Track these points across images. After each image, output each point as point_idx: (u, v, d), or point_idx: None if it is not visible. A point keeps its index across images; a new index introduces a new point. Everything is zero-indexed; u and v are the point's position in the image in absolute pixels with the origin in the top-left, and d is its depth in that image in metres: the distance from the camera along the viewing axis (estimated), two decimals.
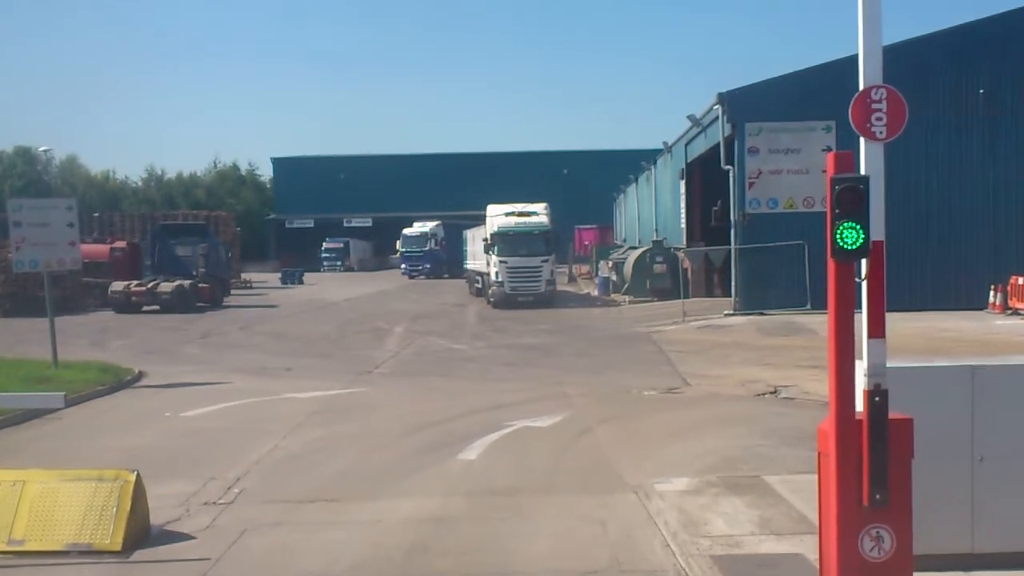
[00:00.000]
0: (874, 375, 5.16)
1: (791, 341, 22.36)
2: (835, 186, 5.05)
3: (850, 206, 5.02)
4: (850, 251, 5.05)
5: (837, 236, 5.02)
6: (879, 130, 5.37)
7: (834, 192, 5.04)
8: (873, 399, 5.15)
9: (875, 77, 5.40)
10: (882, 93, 5.37)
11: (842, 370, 5.11)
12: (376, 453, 11.17)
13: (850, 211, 5.02)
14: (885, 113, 5.37)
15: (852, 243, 5.03)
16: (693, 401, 14.92)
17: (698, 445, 11.23)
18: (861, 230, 5.02)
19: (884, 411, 5.19)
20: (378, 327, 29.06)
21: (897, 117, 5.39)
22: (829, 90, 27.40)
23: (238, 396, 15.59)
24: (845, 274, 5.13)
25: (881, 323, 5.22)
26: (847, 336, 5.12)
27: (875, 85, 5.39)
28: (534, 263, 35.67)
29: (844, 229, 5.02)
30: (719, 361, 19.57)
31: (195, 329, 29.05)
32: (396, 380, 17.98)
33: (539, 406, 14.31)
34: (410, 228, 65.77)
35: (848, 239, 5.03)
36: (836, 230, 5.02)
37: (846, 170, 5.14)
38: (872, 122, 5.36)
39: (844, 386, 5.12)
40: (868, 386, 5.17)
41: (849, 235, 5.02)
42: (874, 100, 5.36)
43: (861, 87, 5.44)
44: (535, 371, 18.78)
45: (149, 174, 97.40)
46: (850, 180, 5.07)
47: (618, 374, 18.18)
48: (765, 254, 27.33)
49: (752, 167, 27.40)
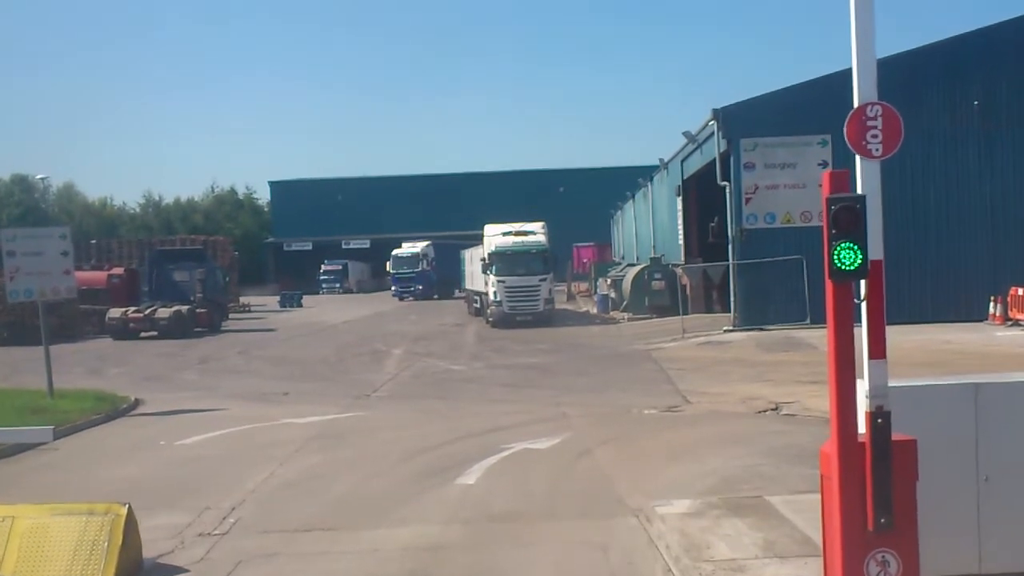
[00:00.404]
0: (876, 397, 5.06)
1: (791, 356, 22.25)
2: (831, 206, 4.96)
3: (847, 226, 4.93)
4: (848, 272, 4.96)
5: (835, 257, 4.93)
6: (875, 147, 5.29)
7: (830, 212, 4.96)
8: (875, 421, 5.05)
9: (870, 94, 5.32)
10: (877, 110, 5.29)
11: (843, 392, 5.01)
12: (373, 479, 11.03)
13: (847, 231, 4.93)
14: (881, 131, 5.29)
15: (850, 264, 4.94)
16: (694, 420, 14.79)
17: (699, 465, 11.10)
18: (859, 250, 4.93)
19: (887, 433, 5.08)
20: (377, 349, 28.94)
21: (893, 134, 5.31)
22: (824, 104, 27.41)
23: (235, 423, 15.46)
24: (843, 294, 5.04)
25: (882, 343, 5.13)
26: (847, 357, 5.02)
27: (870, 102, 5.31)
28: (532, 282, 35.59)
29: (841, 250, 4.93)
30: (719, 378, 19.45)
31: (193, 355, 28.91)
32: (394, 403, 17.86)
33: (538, 428, 14.19)
34: (400, 248, 64.73)
35: (846, 260, 4.93)
36: (833, 251, 4.93)
37: (842, 189, 5.06)
38: (868, 140, 5.28)
39: (845, 408, 5.02)
40: (870, 408, 5.07)
41: (847, 256, 4.93)
42: (869, 117, 5.29)
43: (856, 104, 5.37)
44: (534, 392, 18.66)
45: (147, 200, 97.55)
46: (847, 200, 4.99)
47: (618, 393, 18.06)
48: (763, 269, 27.26)
49: (748, 182, 27.36)
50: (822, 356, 21.48)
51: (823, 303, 20.33)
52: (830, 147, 27.18)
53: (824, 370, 18.00)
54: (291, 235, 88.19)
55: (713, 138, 28.43)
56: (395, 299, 60.65)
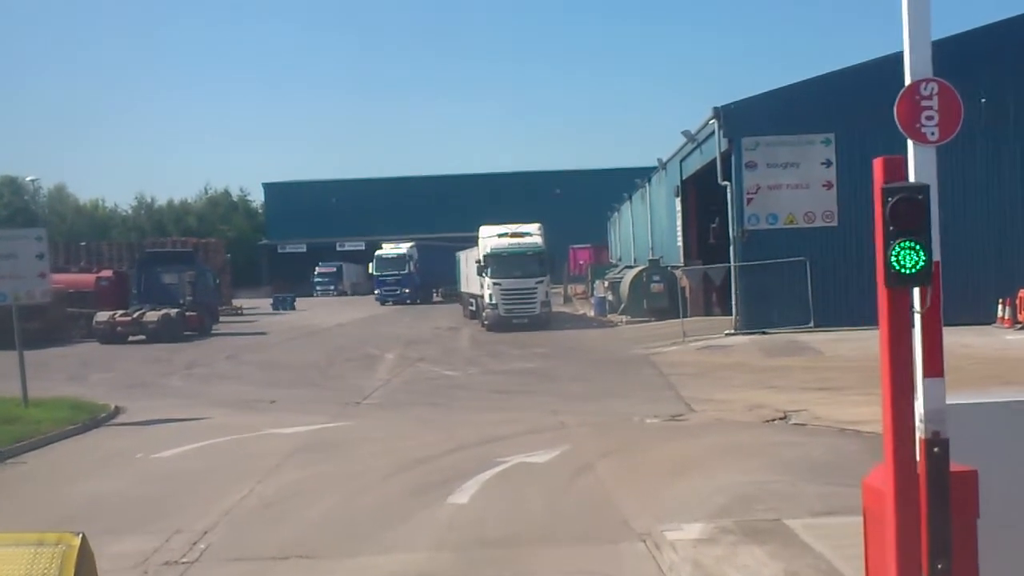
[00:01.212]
0: (932, 421, 4.32)
1: (796, 361, 21.53)
2: (888, 197, 4.16)
3: (909, 222, 4.13)
4: (909, 276, 4.17)
5: (892, 258, 4.15)
6: (931, 131, 4.53)
7: (886, 205, 4.17)
8: (931, 450, 4.31)
9: (924, 69, 4.57)
10: (933, 88, 4.54)
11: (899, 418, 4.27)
12: (358, 498, 10.27)
13: (909, 228, 4.13)
14: (937, 111, 4.53)
15: (912, 266, 4.15)
16: (699, 429, 14.05)
17: (708, 482, 10.36)
18: (922, 251, 4.15)
19: (945, 464, 4.35)
20: (369, 354, 28.18)
21: (952, 116, 4.55)
22: (828, 102, 26.85)
23: (218, 433, 14.69)
24: (900, 303, 4.28)
25: (939, 358, 4.38)
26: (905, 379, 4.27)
27: (925, 79, 4.55)
28: (529, 284, 34.86)
29: (901, 250, 4.14)
30: (723, 384, 18.72)
31: (180, 359, 28.13)
32: (385, 412, 17.10)
33: (535, 439, 13.45)
34: (384, 249, 61.66)
35: (907, 261, 4.15)
36: (891, 251, 4.14)
37: (898, 177, 4.28)
38: (922, 122, 4.52)
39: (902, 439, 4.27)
40: (925, 434, 4.33)
41: (908, 257, 4.13)
42: (923, 96, 4.53)
43: (908, 81, 4.61)
44: (531, 399, 17.92)
45: (139, 202, 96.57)
46: (908, 190, 4.19)
47: (618, 400, 17.32)
48: (766, 271, 26.54)
49: (750, 182, 26.65)
50: (828, 361, 20.74)
51: (827, 306, 19.68)
52: (833, 146, 26.53)
53: (831, 376, 17.26)
54: (285, 237, 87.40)
55: (714, 137, 27.72)
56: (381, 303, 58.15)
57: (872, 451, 11.90)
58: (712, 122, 27.16)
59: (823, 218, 26.52)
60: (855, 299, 26.41)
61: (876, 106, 26.76)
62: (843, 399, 15.98)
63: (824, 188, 26.48)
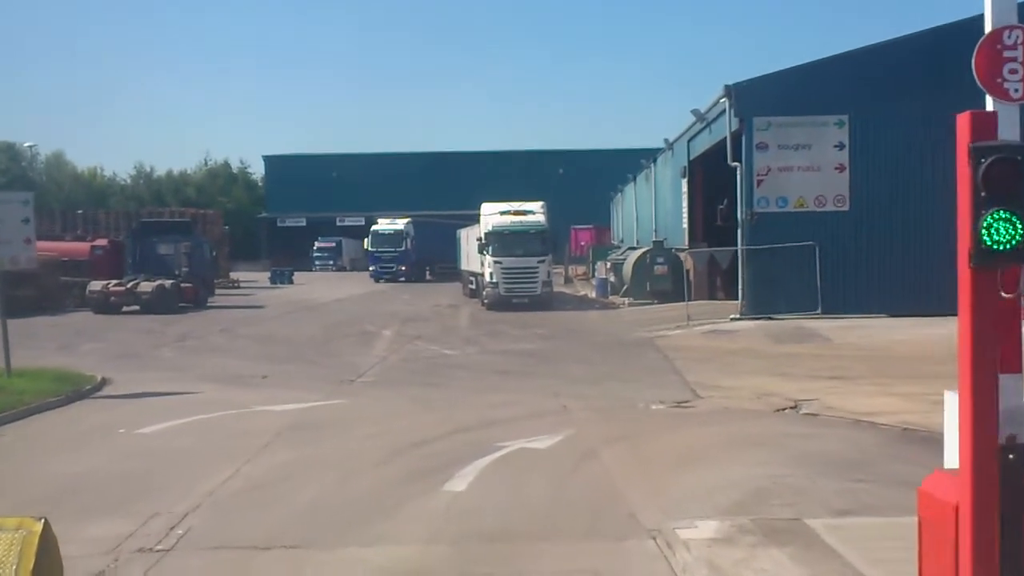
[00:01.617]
0: (1010, 423, 3.72)
1: (804, 348, 20.95)
2: (979, 159, 3.50)
3: (1005, 187, 3.47)
4: (1002, 253, 3.52)
5: (984, 231, 3.50)
6: (1014, 87, 3.90)
7: (977, 167, 3.51)
8: (1006, 457, 3.71)
9: (1008, 16, 3.93)
10: (1018, 36, 3.90)
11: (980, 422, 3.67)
12: (349, 483, 9.70)
13: (1005, 195, 3.48)
14: (1021, 64, 3.90)
15: (1007, 241, 3.51)
16: (706, 417, 13.48)
17: (719, 474, 9.80)
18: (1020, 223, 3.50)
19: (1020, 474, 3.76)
20: (366, 330, 27.61)
21: None
22: (843, 83, 26.12)
23: (206, 408, 14.12)
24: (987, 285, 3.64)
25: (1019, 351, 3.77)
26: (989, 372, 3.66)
27: (1008, 26, 3.92)
28: (530, 264, 34.24)
29: (995, 221, 3.48)
30: (729, 370, 18.14)
31: (173, 331, 27.55)
32: (380, 390, 16.54)
33: (537, 423, 12.89)
34: (380, 224, 59.61)
35: (1001, 235, 3.50)
36: (982, 222, 3.50)
37: (988, 136, 3.62)
38: (1004, 76, 3.89)
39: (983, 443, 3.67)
40: (1000, 439, 3.73)
41: (1002, 230, 3.49)
42: (1007, 46, 3.89)
43: (988, 28, 3.97)
44: (532, 381, 17.35)
45: (138, 171, 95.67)
46: (1005, 150, 3.52)
47: (621, 384, 16.76)
48: (774, 256, 25.91)
49: (761, 164, 25.97)
50: (837, 349, 20.12)
51: (835, 293, 18.87)
52: (847, 128, 25.82)
53: (841, 364, 16.62)
54: (285, 211, 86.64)
55: (724, 116, 27.01)
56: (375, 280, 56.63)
57: (890, 445, 11.37)
58: (723, 100, 26.45)
59: (834, 202, 25.87)
60: (864, 286, 25.85)
61: (893, 88, 25.97)
62: (855, 389, 15.42)
63: (836, 171, 25.81)
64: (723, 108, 27.08)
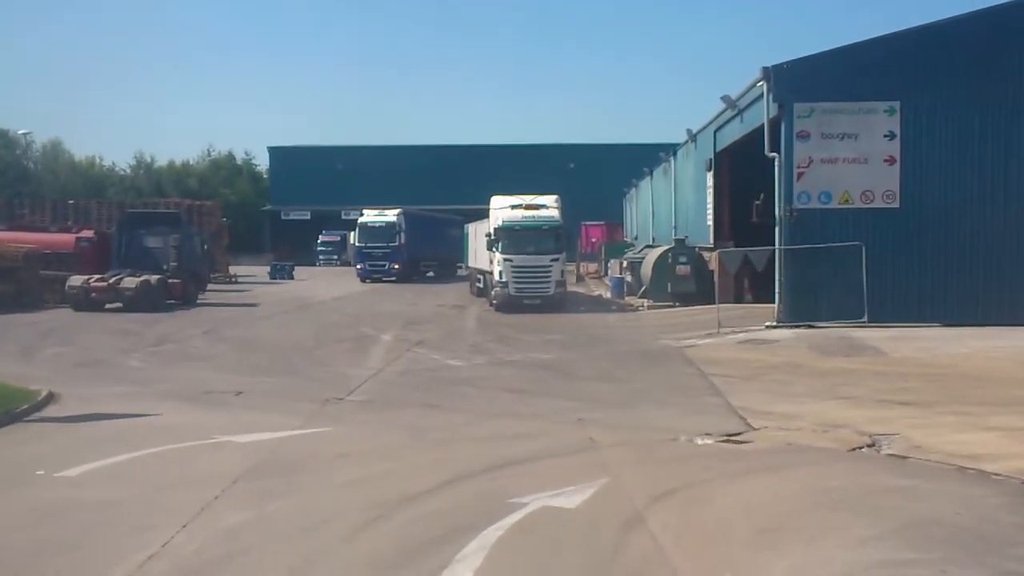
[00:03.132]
0: None
1: (857, 364, 18.42)
2: None
3: None
4: None
5: None
6: None
7: None
8: None
9: None
10: None
11: None
12: (314, 568, 7.18)
13: None
14: None
15: None
16: (768, 458, 10.95)
17: (815, 555, 7.29)
18: None
19: None
20: (363, 334, 25.16)
21: None
22: (893, 66, 23.56)
23: (157, 439, 11.64)
24: None
25: None
26: None
27: None
28: (543, 262, 31.75)
29: None
30: (779, 390, 15.61)
31: (153, 333, 25.13)
32: (371, 413, 14.03)
33: (560, 465, 10.39)
34: (368, 216, 52.72)
35: None
36: None
37: None
38: None
39: None
40: None
41: None
42: None
43: None
44: (549, 402, 14.83)
45: (138, 161, 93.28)
46: None
47: (655, 409, 14.24)
48: (815, 256, 23.37)
49: (802, 154, 23.39)
50: (896, 365, 17.28)
51: (882, 299, 15.88)
52: (898, 116, 23.24)
53: (908, 385, 13.76)
54: (289, 203, 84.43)
55: (761, 102, 24.42)
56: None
57: (1019, 507, 8.85)
58: (760, 84, 23.84)
59: (883, 198, 23.28)
60: (915, 292, 23.34)
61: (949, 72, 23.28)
62: (938, 420, 12.88)
63: (886, 164, 23.23)
64: (759, 93, 24.50)
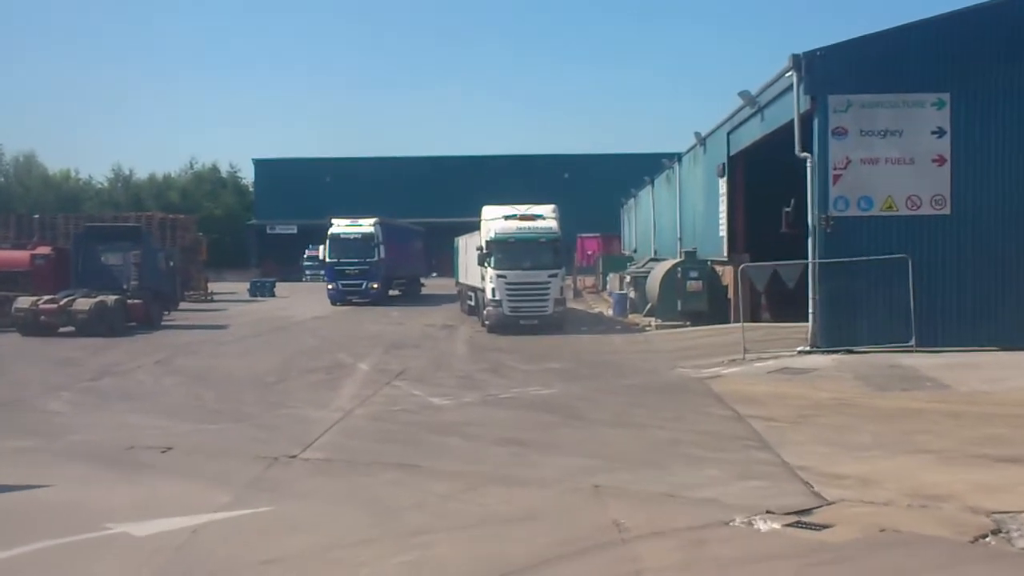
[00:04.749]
0: None
1: (922, 401, 15.37)
2: None
3: None
4: None
5: None
6: None
7: None
8: None
9: None
10: None
11: None
12: None
13: None
14: None
15: None
16: (867, 558, 7.87)
17: None
18: None
19: None
20: (338, 362, 22.08)
21: None
22: (943, 52, 20.59)
23: (21, 531, 8.53)
24: None
25: None
26: None
27: None
28: (540, 278, 28.73)
29: None
30: (840, 440, 12.52)
31: (96, 363, 22.06)
32: (327, 480, 10.89)
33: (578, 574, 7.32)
34: (340, 226, 44.86)
35: None
36: None
37: None
38: None
39: None
40: None
41: None
42: None
43: None
44: (556, 460, 11.73)
45: (116, 174, 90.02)
46: None
47: (691, 469, 11.14)
48: (854, 271, 20.36)
49: (838, 154, 20.40)
50: (969, 402, 12.27)
51: (931, 320, 12.00)
52: (948, 110, 20.27)
53: (1000, 433, 9.05)
54: (275, 217, 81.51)
55: (788, 95, 21.43)
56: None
57: None
58: (790, 75, 20.81)
59: (932, 204, 20.30)
60: (968, 312, 20.33)
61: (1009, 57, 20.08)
62: None
63: (934, 164, 20.24)
64: (786, 85, 21.50)
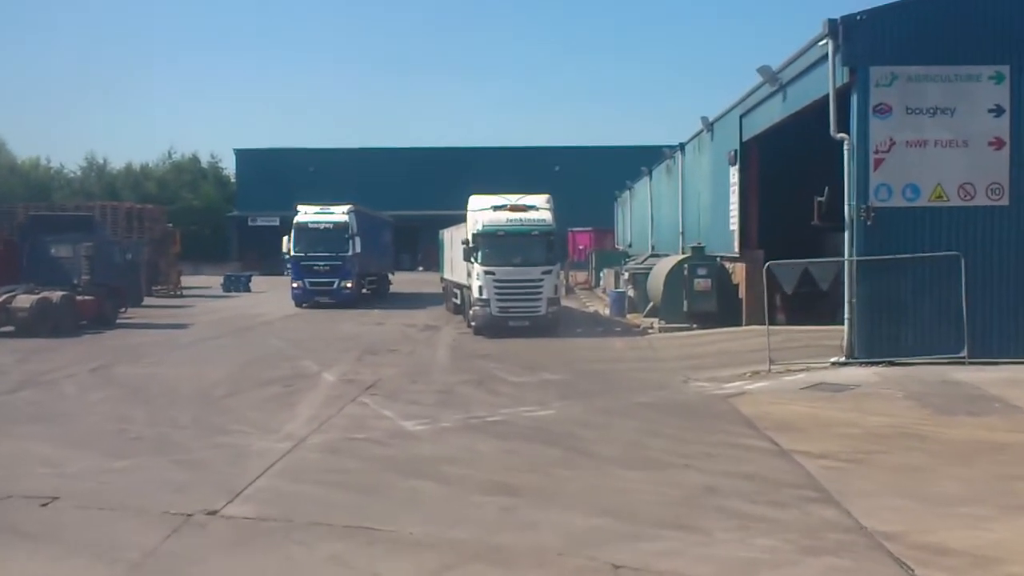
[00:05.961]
0: None
1: (999, 430, 12.61)
2: None
3: None
4: None
5: None
6: None
7: None
8: None
9: None
10: None
11: None
12: None
13: None
14: None
15: None
16: None
17: None
18: None
19: None
20: (300, 371, 19.24)
21: None
22: (1002, 19, 17.86)
23: None
24: None
25: None
26: None
27: None
28: (532, 275, 25.92)
29: None
30: (921, 491, 9.72)
31: (21, 371, 19.21)
32: (244, 562, 8.02)
33: None
34: (306, 214, 38.41)
35: None
36: None
37: None
38: None
39: None
40: None
41: None
42: None
43: None
44: (556, 518, 8.88)
45: (89, 163, 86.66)
46: None
47: (737, 536, 8.33)
48: (898, 270, 17.63)
49: (880, 135, 17.63)
50: None
51: (986, 326, 8.71)
52: (1008, 84, 17.53)
53: None
54: (257, 209, 78.45)
55: (821, 68, 18.66)
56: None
57: None
58: (824, 43, 17.99)
59: (987, 193, 17.57)
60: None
61: None
62: None
63: (991, 148, 17.51)
64: (819, 56, 18.71)
